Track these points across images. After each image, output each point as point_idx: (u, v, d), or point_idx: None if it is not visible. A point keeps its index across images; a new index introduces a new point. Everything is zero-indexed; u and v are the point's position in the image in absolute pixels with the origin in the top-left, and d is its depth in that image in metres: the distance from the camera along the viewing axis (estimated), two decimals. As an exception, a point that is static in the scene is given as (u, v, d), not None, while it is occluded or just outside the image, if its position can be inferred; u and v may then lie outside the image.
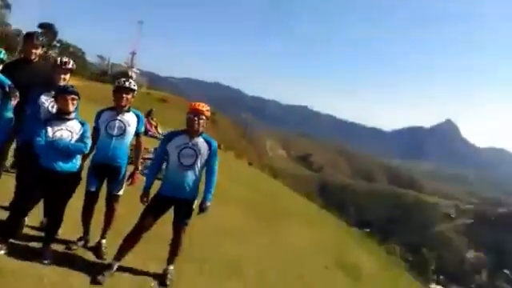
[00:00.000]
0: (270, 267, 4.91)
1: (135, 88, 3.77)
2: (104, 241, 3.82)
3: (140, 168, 4.05)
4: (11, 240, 3.45)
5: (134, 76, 51.39)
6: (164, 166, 3.73)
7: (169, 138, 3.61)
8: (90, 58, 63.34)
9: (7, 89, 3.49)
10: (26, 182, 3.43)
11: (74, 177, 3.43)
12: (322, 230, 8.81)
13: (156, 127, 12.94)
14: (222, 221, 5.76)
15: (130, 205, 3.90)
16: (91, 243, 3.86)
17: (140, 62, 68.10)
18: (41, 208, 3.57)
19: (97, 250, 3.77)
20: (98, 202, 3.78)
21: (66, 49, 57.63)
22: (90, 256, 3.72)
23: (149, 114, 12.73)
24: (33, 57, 4.01)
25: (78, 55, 57.33)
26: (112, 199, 3.78)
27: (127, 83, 3.71)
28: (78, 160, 3.45)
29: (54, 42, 56.52)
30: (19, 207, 3.45)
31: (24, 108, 3.68)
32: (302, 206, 12.05)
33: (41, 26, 50.70)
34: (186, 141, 3.49)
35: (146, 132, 9.86)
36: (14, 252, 3.36)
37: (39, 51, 4.06)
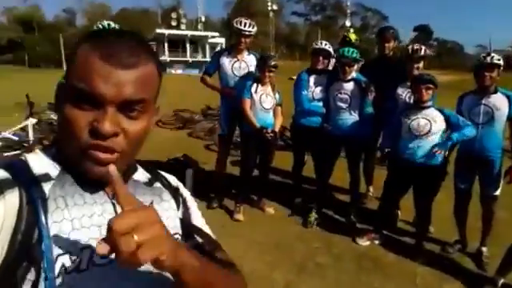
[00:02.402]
0: None
1: (500, 63, 3.10)
2: (485, 249, 3.37)
3: None
4: (386, 232, 3.64)
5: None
6: None
7: None
8: (470, 50, 61.09)
9: (363, 85, 3.66)
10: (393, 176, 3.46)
11: (438, 171, 3.22)
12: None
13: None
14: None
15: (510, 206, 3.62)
16: (470, 249, 3.49)
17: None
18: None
19: (476, 258, 3.36)
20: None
21: (443, 46, 60.63)
22: (468, 263, 3.35)
23: None
24: (386, 51, 4.15)
25: (456, 50, 59.97)
26: (487, 200, 3.29)
27: (492, 59, 3.07)
28: (440, 155, 3.14)
29: (431, 42, 59.04)
30: (388, 198, 3.54)
31: (382, 103, 3.79)
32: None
33: (415, 28, 55.09)
34: None
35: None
36: (388, 244, 3.53)
37: (392, 44, 4.15)
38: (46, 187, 0.61)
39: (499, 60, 3.11)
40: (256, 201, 4.19)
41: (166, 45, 39.56)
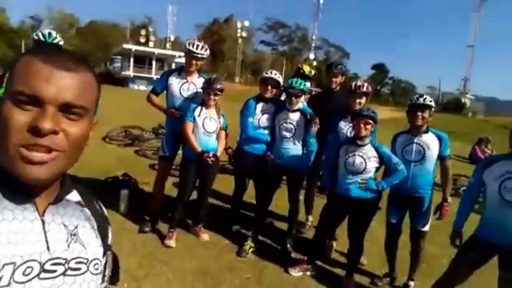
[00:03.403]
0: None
1: (431, 104, 3.29)
2: (412, 283, 3.50)
3: (449, 199, 3.38)
4: (319, 263, 3.67)
5: (467, 103, 48.20)
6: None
7: (486, 163, 2.73)
8: (421, 90, 58.56)
9: (308, 116, 3.71)
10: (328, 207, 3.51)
11: (370, 204, 3.29)
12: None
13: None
14: None
15: (441, 243, 3.68)
16: (398, 282, 3.59)
17: (474, 87, 59.74)
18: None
19: None
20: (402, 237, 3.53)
21: (397, 85, 63.59)
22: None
23: (480, 142, 11.83)
24: (333, 85, 4.27)
25: (408, 89, 60.90)
26: (416, 235, 3.39)
27: (425, 100, 3.28)
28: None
29: (386, 80, 64.31)
30: (323, 228, 3.57)
31: (326, 135, 3.90)
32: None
33: (373, 67, 61.65)
34: (509, 169, 2.55)
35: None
36: (320, 276, 3.53)
37: (339, 79, 4.28)
38: None
39: (431, 101, 3.31)
40: (191, 226, 4.05)
41: (131, 60, 39.02)
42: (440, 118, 21.74)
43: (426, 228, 3.39)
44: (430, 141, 3.29)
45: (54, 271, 0.66)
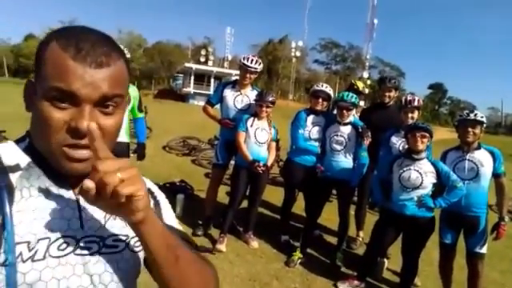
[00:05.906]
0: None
1: (483, 120, 3.13)
2: None
3: (506, 218, 3.17)
4: (370, 280, 3.58)
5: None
6: None
7: None
8: (482, 111, 57.74)
9: (360, 129, 3.69)
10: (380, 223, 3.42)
11: (427, 223, 3.16)
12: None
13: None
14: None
15: (502, 269, 3.73)
16: None
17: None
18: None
19: None
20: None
21: (456, 105, 64.02)
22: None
23: None
24: (386, 100, 4.23)
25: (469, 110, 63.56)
26: (473, 257, 3.19)
27: (476, 116, 3.11)
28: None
29: (445, 100, 65.59)
30: (375, 246, 3.44)
31: (377, 150, 3.87)
32: None
33: (430, 86, 63.11)
34: None
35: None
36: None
37: (393, 94, 4.25)
38: (14, 177, 0.63)
39: (482, 117, 3.14)
40: (242, 233, 4.15)
41: (192, 78, 41.16)
42: (503, 141, 19.96)
43: (484, 250, 3.15)
44: (483, 157, 3.12)
45: (90, 248, 0.67)
